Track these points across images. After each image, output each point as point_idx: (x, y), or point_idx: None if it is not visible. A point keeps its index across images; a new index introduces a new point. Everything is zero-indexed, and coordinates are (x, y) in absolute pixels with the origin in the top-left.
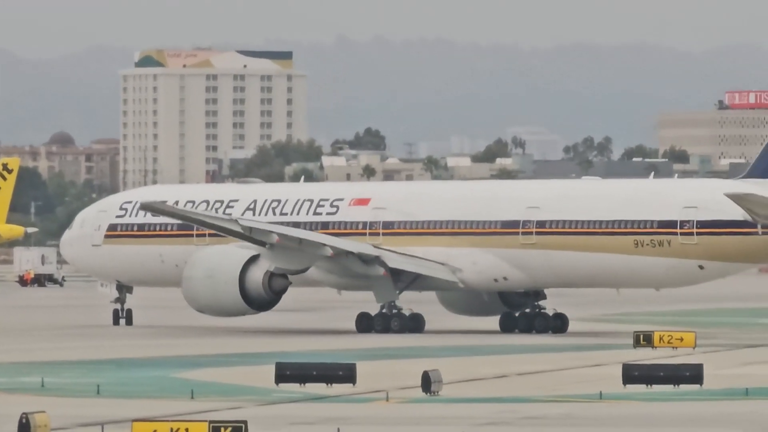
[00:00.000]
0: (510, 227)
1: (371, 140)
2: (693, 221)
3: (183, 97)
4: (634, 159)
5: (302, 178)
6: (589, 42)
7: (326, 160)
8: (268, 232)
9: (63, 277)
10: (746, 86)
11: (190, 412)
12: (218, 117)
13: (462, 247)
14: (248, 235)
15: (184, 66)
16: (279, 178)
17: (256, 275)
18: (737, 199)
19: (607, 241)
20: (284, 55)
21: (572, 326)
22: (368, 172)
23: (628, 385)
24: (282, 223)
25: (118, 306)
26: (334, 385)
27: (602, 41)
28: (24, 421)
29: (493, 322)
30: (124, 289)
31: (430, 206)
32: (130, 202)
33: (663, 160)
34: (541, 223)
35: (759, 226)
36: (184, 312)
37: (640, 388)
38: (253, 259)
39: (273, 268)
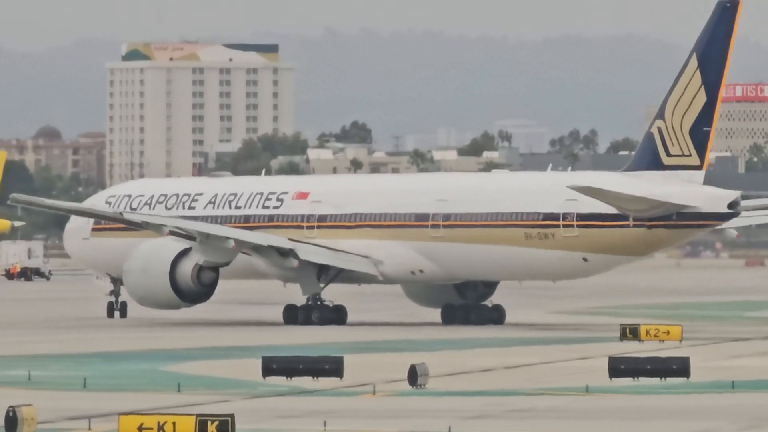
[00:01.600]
0: (422, 220)
1: (358, 133)
2: (573, 214)
3: (169, 91)
4: (621, 152)
5: (263, 171)
6: (577, 34)
7: (313, 154)
8: (161, 225)
9: (50, 270)
10: (733, 79)
11: (177, 406)
12: (205, 110)
13: (382, 239)
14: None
15: (171, 59)
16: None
17: (186, 268)
18: (582, 191)
19: (502, 234)
20: (270, 48)
21: (559, 319)
22: (355, 166)
23: (614, 378)
24: (211, 217)
25: (112, 299)
26: (320, 378)
27: (590, 34)
28: (11, 414)
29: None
30: (118, 281)
31: (358, 199)
32: (114, 196)
33: None
34: (447, 216)
35: (630, 219)
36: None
37: (626, 381)
38: (184, 253)
39: (202, 261)
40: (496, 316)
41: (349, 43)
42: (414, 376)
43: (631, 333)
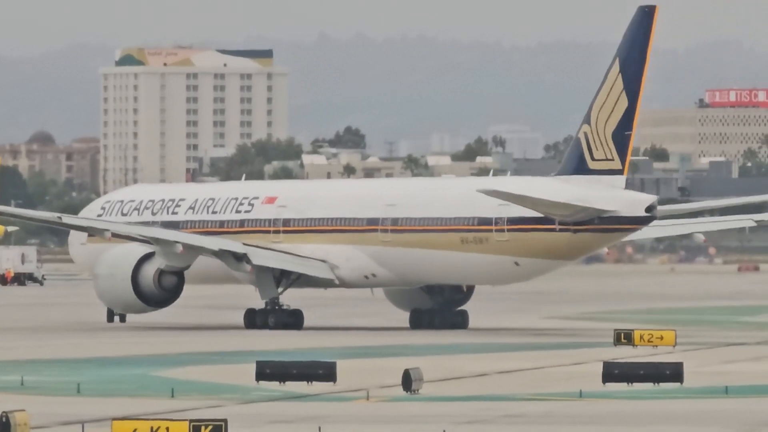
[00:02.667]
0: (373, 225)
1: (351, 138)
2: (504, 218)
3: (163, 96)
4: None
5: (243, 176)
6: (570, 40)
7: (306, 159)
8: (103, 230)
9: (43, 275)
10: (727, 84)
11: (170, 411)
12: (199, 115)
13: (339, 244)
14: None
15: (165, 64)
16: (259, 176)
17: (148, 272)
18: (493, 195)
19: (442, 239)
20: (264, 54)
21: (553, 324)
22: (348, 171)
23: (608, 384)
24: (184, 221)
25: None
26: (314, 383)
27: (583, 39)
28: (4, 419)
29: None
30: None
31: (319, 204)
32: (109, 201)
33: (643, 158)
34: (395, 221)
35: (556, 223)
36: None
37: (620, 387)
38: (147, 257)
39: (163, 266)
40: (459, 321)
41: (343, 49)
42: (408, 381)
43: (624, 338)
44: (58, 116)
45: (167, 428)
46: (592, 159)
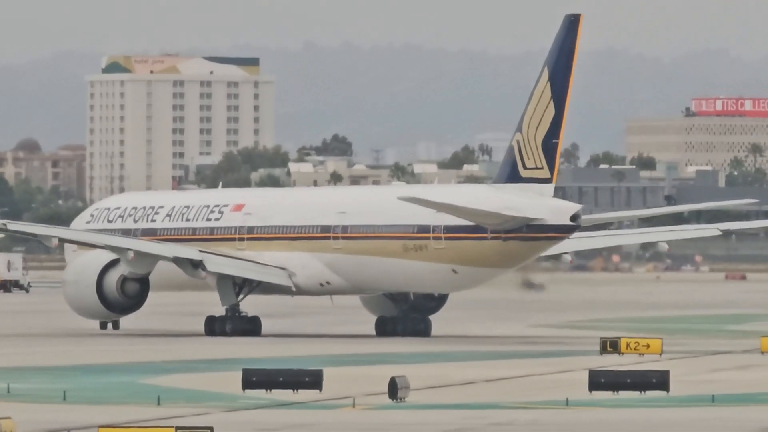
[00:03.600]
0: (326, 232)
1: (338, 146)
2: (441, 226)
3: (150, 103)
4: (601, 165)
5: (220, 184)
6: None
7: (293, 167)
8: (49, 237)
9: (29, 282)
10: (713, 93)
11: (156, 418)
12: (185, 123)
13: (296, 251)
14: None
15: (151, 72)
16: (245, 184)
17: (111, 279)
18: (411, 202)
19: (386, 246)
20: (251, 62)
21: (539, 332)
22: (335, 179)
23: (594, 392)
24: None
25: None
26: (300, 391)
27: None
28: None
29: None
30: None
31: (280, 212)
32: (98, 209)
33: (630, 167)
34: (345, 229)
35: (489, 231)
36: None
37: (606, 395)
38: (112, 264)
39: (127, 272)
40: (422, 329)
41: (329, 57)
42: (394, 388)
43: (611, 346)
44: (45, 124)
45: None
46: (524, 167)
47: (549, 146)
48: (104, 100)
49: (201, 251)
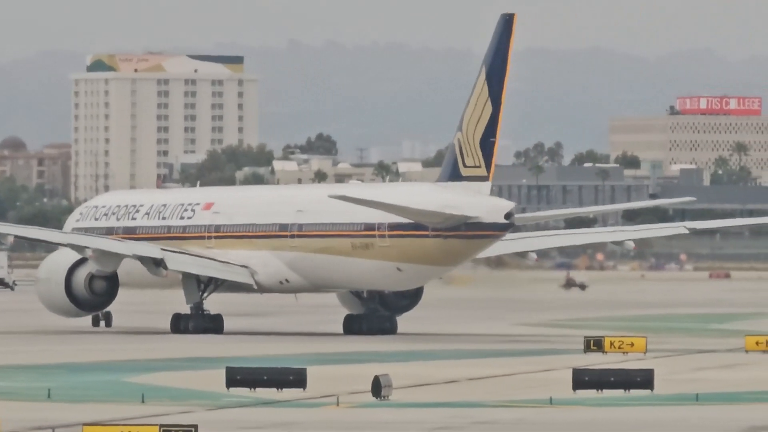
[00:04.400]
0: (284, 230)
1: (323, 145)
2: (385, 224)
3: (134, 102)
4: (585, 164)
5: (198, 182)
6: (541, 47)
7: (277, 165)
8: (5, 234)
9: (14, 281)
10: (698, 92)
11: (141, 416)
12: (169, 121)
13: (258, 250)
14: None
15: (136, 70)
16: (230, 182)
17: (80, 277)
18: (343, 200)
19: (336, 244)
20: (235, 60)
21: (523, 331)
22: (319, 177)
23: (578, 390)
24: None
25: None
26: (284, 389)
27: (554, 46)
28: None
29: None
30: None
31: (244, 211)
32: (87, 206)
33: (614, 165)
34: (300, 227)
35: (430, 229)
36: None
37: (590, 393)
38: (81, 262)
39: (94, 270)
40: (388, 327)
41: (313, 56)
42: (378, 387)
43: (595, 345)
44: (29, 122)
45: None
46: (464, 165)
47: (486, 145)
48: (89, 99)
49: (163, 249)
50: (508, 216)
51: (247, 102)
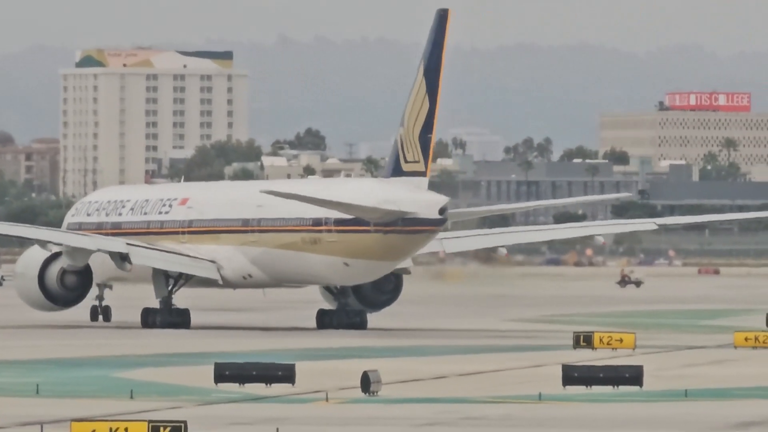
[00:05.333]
0: (245, 225)
1: (312, 140)
2: (331, 219)
3: (123, 97)
4: (575, 160)
5: (182, 177)
6: (531, 43)
7: (266, 160)
8: None
9: (2, 276)
10: (687, 88)
11: (129, 412)
12: (158, 117)
13: (224, 245)
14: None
15: (125, 65)
16: (219, 177)
17: (52, 272)
18: (273, 195)
19: (290, 239)
20: (224, 55)
21: (512, 326)
22: (308, 172)
23: (567, 386)
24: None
25: (96, 302)
26: (273, 385)
27: (543, 42)
28: None
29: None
30: (103, 286)
31: (214, 206)
32: (83, 202)
33: (603, 161)
34: (259, 222)
35: (371, 224)
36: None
37: (579, 389)
38: (54, 257)
39: (66, 265)
40: (358, 322)
41: (302, 51)
42: (366, 383)
43: (584, 341)
44: (18, 117)
45: (126, 429)
46: (405, 161)
47: (424, 140)
48: (77, 94)
49: (128, 244)
50: (441, 211)
51: (236, 97)
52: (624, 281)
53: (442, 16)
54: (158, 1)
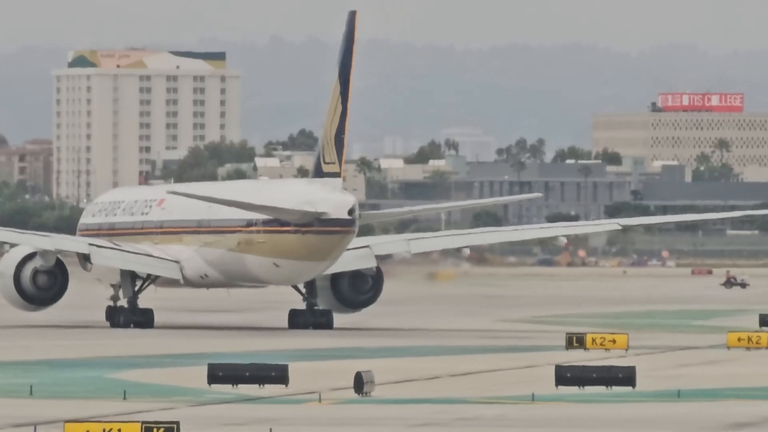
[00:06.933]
0: (200, 226)
1: (305, 141)
2: (260, 220)
3: (116, 98)
4: (568, 161)
5: (172, 179)
6: (523, 43)
7: (260, 161)
8: None
9: None
10: (680, 88)
11: (122, 413)
12: (151, 117)
13: (186, 245)
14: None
15: (118, 66)
16: (212, 178)
17: (27, 272)
18: (181, 195)
19: (230, 240)
20: (217, 56)
21: (505, 327)
22: (302, 173)
23: (560, 387)
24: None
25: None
26: (266, 386)
27: (536, 42)
28: None
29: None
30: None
31: (180, 207)
32: (91, 203)
33: (596, 161)
34: (209, 222)
35: (292, 225)
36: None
37: (572, 390)
38: (30, 257)
39: (38, 265)
40: (324, 321)
41: (295, 52)
42: (360, 383)
43: (577, 341)
44: (11, 118)
45: (119, 430)
46: (324, 162)
47: (339, 141)
48: (71, 95)
49: (90, 244)
50: (350, 212)
51: (229, 98)
52: (730, 282)
53: (351, 18)
54: (151, 1)
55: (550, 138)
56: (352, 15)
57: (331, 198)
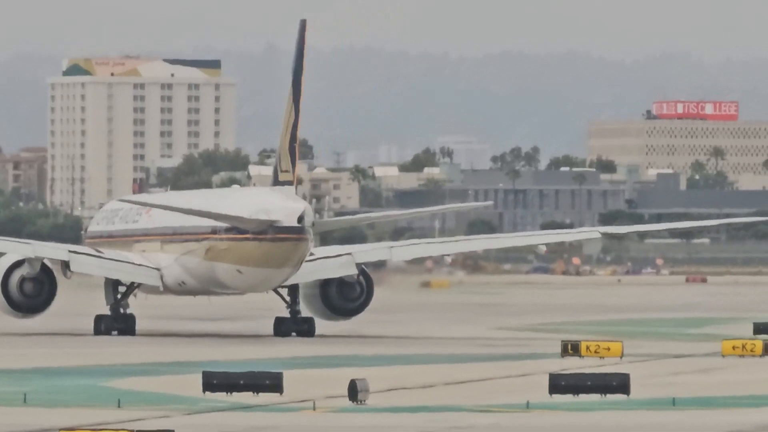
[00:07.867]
0: (174, 233)
1: (299, 149)
2: (222, 227)
3: (111, 106)
4: (562, 168)
5: (168, 187)
6: (518, 51)
7: (254, 169)
8: None
9: None
10: (674, 96)
11: (117, 421)
12: (146, 125)
13: (166, 253)
14: None
15: (112, 74)
16: (206, 186)
17: (14, 279)
18: (136, 204)
19: (199, 248)
20: (212, 64)
21: (500, 335)
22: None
23: (555, 395)
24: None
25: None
26: (261, 394)
27: (530, 50)
28: None
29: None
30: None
31: (163, 216)
32: (100, 211)
33: (590, 169)
34: (183, 230)
35: (249, 233)
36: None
37: (567, 398)
38: (18, 264)
39: (25, 273)
40: (306, 329)
41: (290, 59)
42: (354, 391)
43: (572, 349)
44: (5, 126)
45: None
46: (281, 170)
47: (292, 149)
48: (65, 102)
49: (71, 251)
50: (299, 219)
51: (223, 106)
52: None
53: (302, 27)
54: (146, 9)
55: (545, 146)
56: (303, 23)
57: (284, 206)
